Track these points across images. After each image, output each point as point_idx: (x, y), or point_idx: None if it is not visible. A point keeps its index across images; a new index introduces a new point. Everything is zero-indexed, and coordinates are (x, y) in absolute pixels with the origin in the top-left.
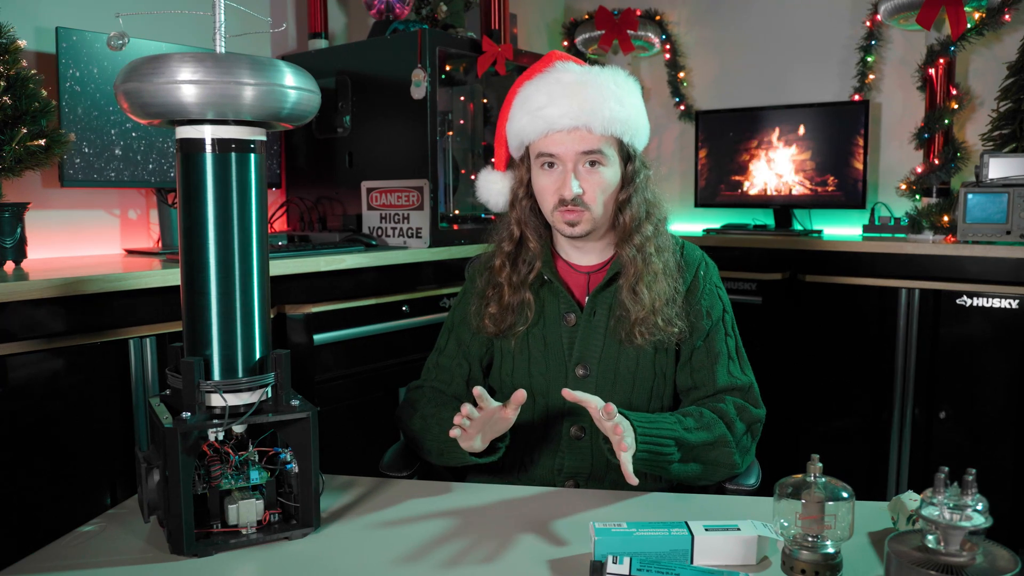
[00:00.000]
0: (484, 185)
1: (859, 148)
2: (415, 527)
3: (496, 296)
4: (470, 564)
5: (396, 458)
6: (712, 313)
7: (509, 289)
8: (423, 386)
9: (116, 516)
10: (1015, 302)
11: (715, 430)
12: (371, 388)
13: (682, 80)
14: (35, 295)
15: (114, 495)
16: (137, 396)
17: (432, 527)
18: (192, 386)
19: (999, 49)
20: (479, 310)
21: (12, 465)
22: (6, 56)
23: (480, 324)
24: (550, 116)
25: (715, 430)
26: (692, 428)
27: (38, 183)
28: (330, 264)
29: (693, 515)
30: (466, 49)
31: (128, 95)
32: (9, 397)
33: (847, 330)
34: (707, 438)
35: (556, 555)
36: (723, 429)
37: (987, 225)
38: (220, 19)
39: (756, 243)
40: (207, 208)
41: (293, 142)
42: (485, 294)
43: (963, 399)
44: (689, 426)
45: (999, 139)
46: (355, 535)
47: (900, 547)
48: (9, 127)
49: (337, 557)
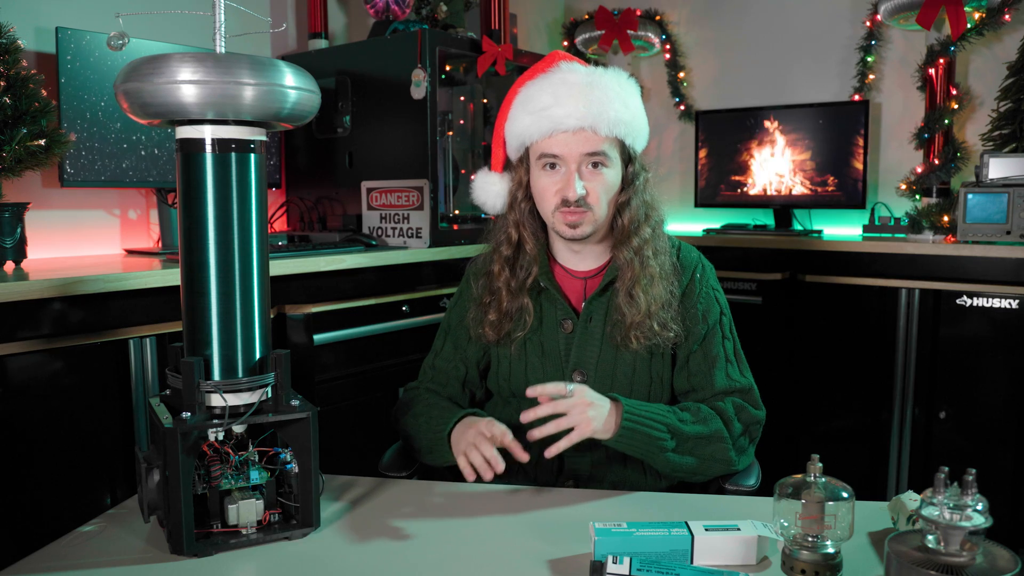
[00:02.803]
0: (482, 187)
1: (859, 148)
2: (415, 527)
3: (495, 303)
4: (470, 564)
5: (395, 458)
6: (708, 317)
7: (507, 295)
8: (419, 387)
9: (116, 516)
10: (1015, 302)
11: (711, 424)
12: (371, 388)
13: (682, 80)
14: (35, 295)
15: (114, 495)
16: (137, 396)
17: (432, 527)
18: (192, 386)
19: (999, 49)
20: (478, 317)
21: (12, 465)
22: (6, 56)
23: (480, 332)
24: (556, 116)
25: (711, 424)
26: (688, 420)
27: (38, 183)
28: (330, 264)
29: (693, 515)
30: (466, 49)
31: (128, 95)
32: (9, 397)
33: (847, 330)
34: (703, 431)
35: (556, 555)
36: (719, 424)
37: (987, 225)
38: (220, 19)
39: (756, 243)
40: (207, 208)
41: (293, 142)
42: (483, 300)
43: (963, 399)
44: (684, 418)
45: (999, 139)
46: (355, 535)
47: (900, 547)
48: (9, 127)
49: (337, 557)
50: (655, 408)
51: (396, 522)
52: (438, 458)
